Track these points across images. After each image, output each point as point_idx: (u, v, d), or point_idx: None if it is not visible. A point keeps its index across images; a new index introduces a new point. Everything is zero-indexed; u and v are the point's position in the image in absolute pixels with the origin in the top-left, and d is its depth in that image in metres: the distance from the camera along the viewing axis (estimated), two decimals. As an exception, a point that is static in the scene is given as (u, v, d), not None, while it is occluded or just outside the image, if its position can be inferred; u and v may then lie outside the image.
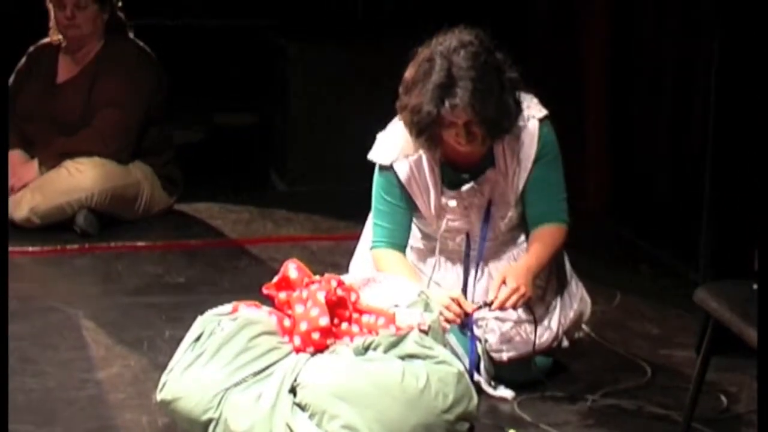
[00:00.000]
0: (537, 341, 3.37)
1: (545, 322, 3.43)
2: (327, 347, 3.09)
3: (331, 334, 3.10)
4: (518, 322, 3.39)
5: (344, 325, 3.14)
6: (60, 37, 5.02)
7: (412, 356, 3.05)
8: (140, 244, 4.77)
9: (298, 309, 3.12)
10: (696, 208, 3.79)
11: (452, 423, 3.00)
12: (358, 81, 5.58)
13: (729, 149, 3.56)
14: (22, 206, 4.84)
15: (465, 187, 3.40)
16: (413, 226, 3.51)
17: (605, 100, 5.18)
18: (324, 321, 3.08)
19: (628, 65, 5.04)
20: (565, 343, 3.50)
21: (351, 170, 5.31)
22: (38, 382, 3.44)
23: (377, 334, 3.10)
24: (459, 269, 3.49)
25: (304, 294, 3.15)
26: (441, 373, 3.02)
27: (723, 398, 3.37)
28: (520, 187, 3.40)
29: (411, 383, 2.97)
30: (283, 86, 5.76)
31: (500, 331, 3.38)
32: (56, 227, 4.82)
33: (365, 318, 3.16)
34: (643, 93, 4.96)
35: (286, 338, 3.12)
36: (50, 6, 4.97)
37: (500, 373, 3.39)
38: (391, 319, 3.12)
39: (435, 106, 3.22)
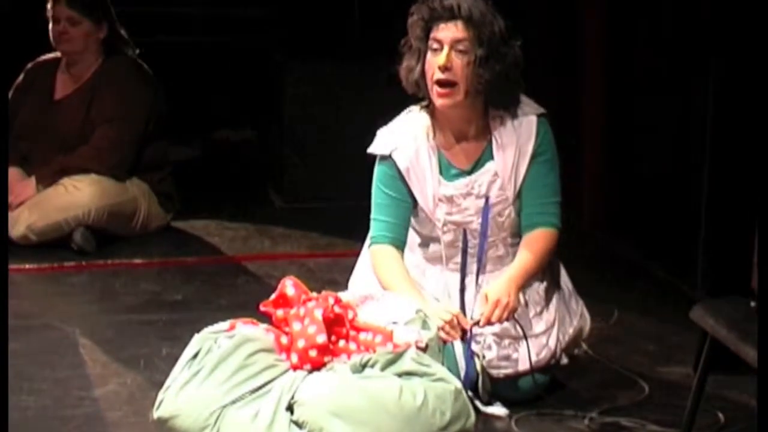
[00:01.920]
0: (534, 358, 3.36)
1: (543, 340, 3.42)
2: (324, 365, 3.09)
3: (328, 351, 3.09)
4: (516, 338, 3.38)
5: (341, 343, 3.14)
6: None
7: (409, 374, 3.04)
8: (137, 261, 4.77)
9: (296, 326, 3.12)
10: (693, 224, 3.79)
11: None
12: (356, 98, 5.59)
13: (727, 165, 3.56)
14: (19, 223, 4.84)
15: (462, 179, 3.40)
16: (410, 233, 3.48)
17: (603, 117, 5.18)
18: (321, 338, 3.08)
19: (626, 81, 5.04)
20: (564, 360, 3.49)
21: (349, 187, 5.32)
22: (34, 399, 3.44)
23: (375, 351, 3.09)
24: (456, 278, 3.46)
25: (302, 311, 3.14)
26: (438, 390, 3.02)
27: (720, 415, 3.36)
28: (518, 182, 3.39)
29: (408, 400, 2.97)
30: (281, 103, 5.77)
31: (499, 347, 3.37)
32: (53, 245, 4.82)
33: (362, 335, 3.15)
34: (640, 109, 4.97)
35: (284, 356, 3.12)
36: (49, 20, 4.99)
37: (497, 389, 3.38)
38: (388, 337, 3.12)
39: (431, 12, 3.30)
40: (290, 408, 3.01)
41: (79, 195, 4.84)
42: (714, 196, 3.60)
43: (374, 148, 3.45)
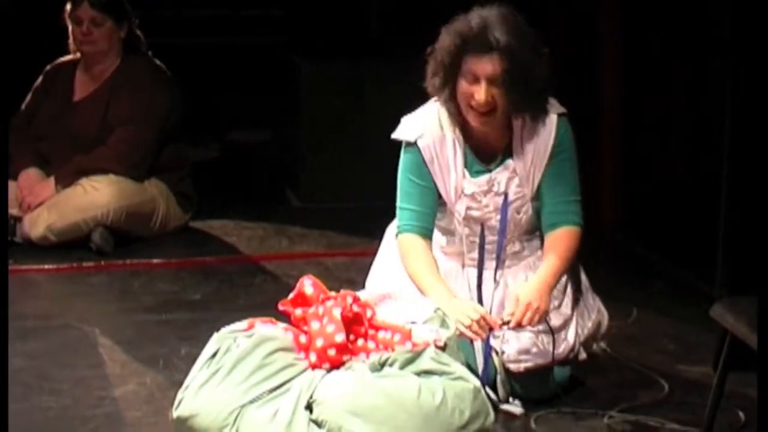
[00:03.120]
0: (555, 352, 3.36)
1: (562, 334, 3.42)
2: (343, 363, 3.09)
3: (347, 350, 3.09)
4: (535, 333, 3.38)
5: (360, 342, 3.14)
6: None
7: (428, 372, 3.04)
8: (156, 261, 4.78)
9: (314, 325, 3.12)
10: (713, 222, 3.78)
11: None
12: (371, 97, 5.59)
13: (745, 163, 3.55)
14: (38, 224, 4.85)
15: (484, 176, 3.40)
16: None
17: (619, 114, 5.17)
18: (340, 337, 3.08)
19: (642, 79, 5.03)
20: (583, 355, 3.49)
21: (366, 186, 5.33)
22: (55, 400, 3.45)
23: (393, 350, 3.09)
24: (473, 273, 3.46)
25: (320, 310, 3.14)
26: (457, 389, 3.02)
27: (741, 414, 3.35)
28: (536, 181, 3.40)
29: (427, 399, 2.97)
30: (297, 103, 5.78)
31: (518, 342, 3.37)
32: (72, 245, 4.84)
33: (381, 334, 3.15)
34: (657, 107, 4.96)
35: (302, 354, 3.12)
36: (68, 22, 5.00)
37: (516, 385, 3.38)
38: (407, 336, 3.12)
39: (463, 42, 3.26)
40: (309, 407, 3.01)
41: (97, 195, 4.85)
42: (733, 193, 3.59)
43: (399, 134, 3.43)
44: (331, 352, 3.08)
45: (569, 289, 3.48)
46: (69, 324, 4.06)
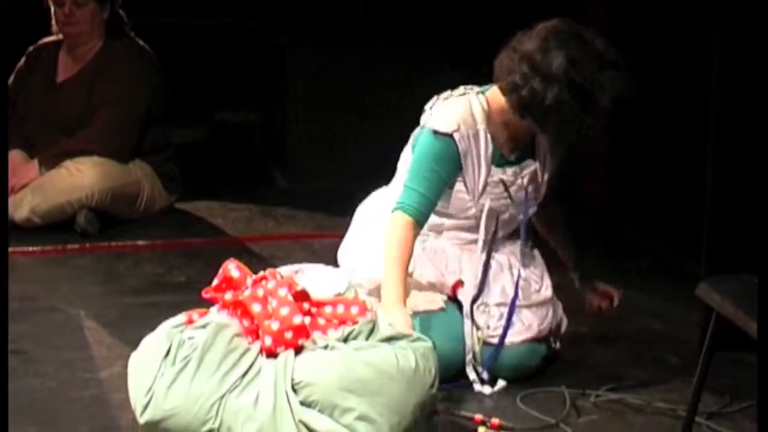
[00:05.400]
0: (539, 326, 3.44)
1: (544, 311, 3.47)
2: (299, 346, 3.05)
3: (304, 331, 3.06)
4: (519, 306, 3.42)
5: (307, 319, 3.09)
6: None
7: (390, 339, 3.07)
8: (141, 243, 4.77)
9: (256, 308, 3.06)
10: (697, 200, 3.78)
11: (435, 397, 3.06)
12: (358, 79, 5.58)
13: (730, 140, 3.55)
14: (22, 206, 4.84)
15: (510, 168, 3.45)
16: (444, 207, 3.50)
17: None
18: (298, 319, 3.03)
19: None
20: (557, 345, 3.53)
21: (353, 167, 5.33)
22: (40, 382, 3.44)
23: (354, 323, 3.09)
24: (481, 258, 3.48)
25: (260, 292, 3.10)
26: (421, 349, 3.07)
27: (727, 393, 3.36)
28: (545, 178, 3.50)
29: (405, 364, 3.01)
30: (284, 84, 5.77)
31: (499, 317, 3.40)
32: (57, 227, 4.82)
33: (328, 309, 3.13)
34: (644, 89, 4.95)
35: (249, 339, 3.07)
36: (50, 3, 4.97)
37: (502, 362, 3.40)
38: (364, 307, 3.12)
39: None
40: (293, 389, 3.00)
41: (82, 177, 4.83)
42: (718, 170, 3.59)
43: (435, 124, 3.40)
44: (288, 334, 3.02)
45: (545, 274, 3.54)
46: (54, 306, 4.04)
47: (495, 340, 3.39)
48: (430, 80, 4.07)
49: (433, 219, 3.45)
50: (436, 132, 3.38)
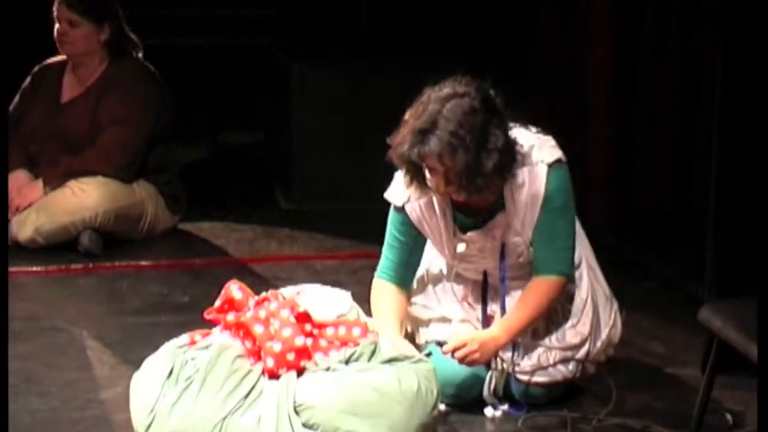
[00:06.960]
0: (564, 370, 3.40)
1: (570, 353, 3.44)
2: (301, 368, 3.06)
3: (306, 353, 3.07)
4: (548, 349, 3.41)
5: (309, 341, 3.10)
6: None
7: (392, 360, 3.07)
8: (144, 263, 4.77)
9: (258, 329, 3.08)
10: (702, 224, 3.78)
11: (437, 419, 3.08)
12: (362, 99, 5.59)
13: (735, 165, 3.56)
14: (26, 226, 4.84)
15: (474, 232, 3.39)
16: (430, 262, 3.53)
17: (609, 115, 5.18)
18: (300, 341, 3.05)
19: (633, 81, 5.04)
20: (591, 369, 3.51)
21: (356, 188, 5.33)
22: (43, 402, 3.44)
23: (356, 344, 3.09)
24: (477, 310, 3.49)
25: (262, 313, 3.11)
26: (423, 371, 3.09)
27: (728, 416, 3.36)
28: (529, 232, 3.37)
29: (408, 386, 3.03)
30: (288, 105, 5.77)
31: (532, 358, 3.40)
32: (60, 247, 4.83)
33: (330, 330, 3.14)
34: (647, 108, 4.96)
35: (252, 360, 3.09)
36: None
37: (517, 391, 3.40)
38: (365, 328, 3.12)
39: (410, 148, 3.23)
40: (295, 411, 3.00)
41: (86, 198, 4.84)
42: (722, 194, 3.60)
43: (389, 197, 3.45)
44: (290, 356, 3.04)
45: (588, 308, 3.48)
46: (57, 326, 4.05)
47: (524, 377, 3.38)
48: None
49: (440, 264, 3.50)
50: (392, 205, 3.43)
